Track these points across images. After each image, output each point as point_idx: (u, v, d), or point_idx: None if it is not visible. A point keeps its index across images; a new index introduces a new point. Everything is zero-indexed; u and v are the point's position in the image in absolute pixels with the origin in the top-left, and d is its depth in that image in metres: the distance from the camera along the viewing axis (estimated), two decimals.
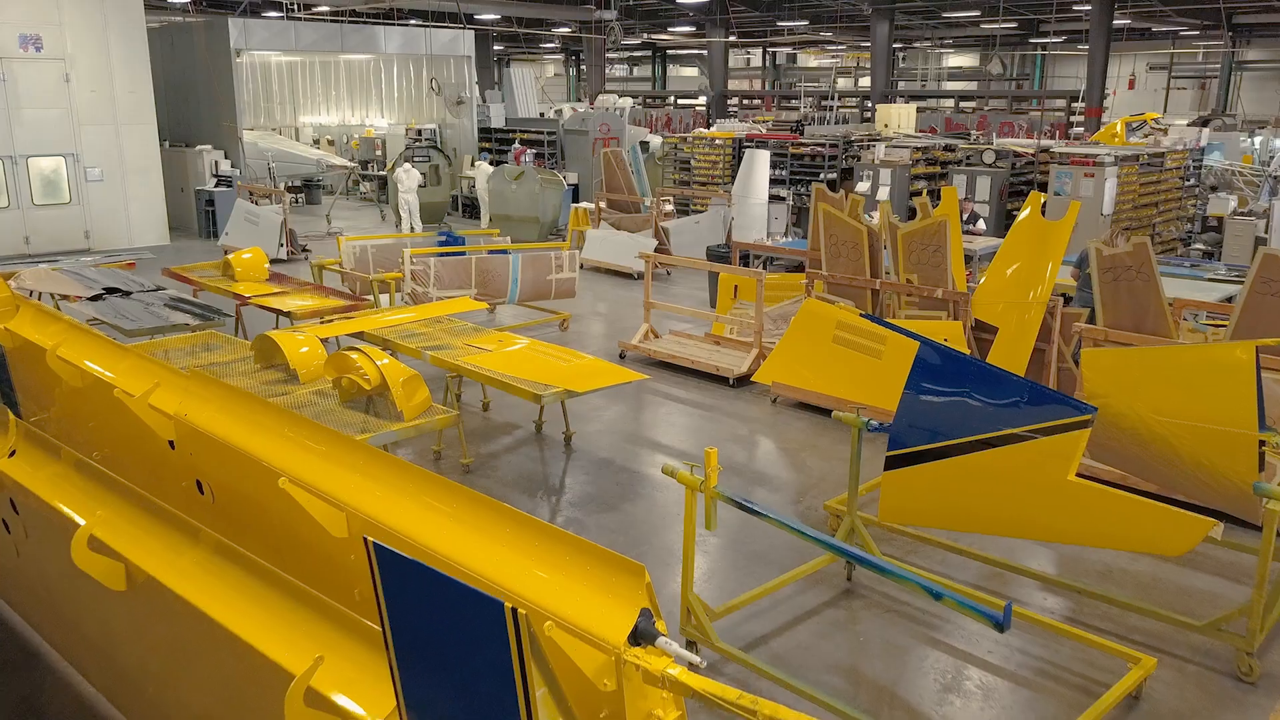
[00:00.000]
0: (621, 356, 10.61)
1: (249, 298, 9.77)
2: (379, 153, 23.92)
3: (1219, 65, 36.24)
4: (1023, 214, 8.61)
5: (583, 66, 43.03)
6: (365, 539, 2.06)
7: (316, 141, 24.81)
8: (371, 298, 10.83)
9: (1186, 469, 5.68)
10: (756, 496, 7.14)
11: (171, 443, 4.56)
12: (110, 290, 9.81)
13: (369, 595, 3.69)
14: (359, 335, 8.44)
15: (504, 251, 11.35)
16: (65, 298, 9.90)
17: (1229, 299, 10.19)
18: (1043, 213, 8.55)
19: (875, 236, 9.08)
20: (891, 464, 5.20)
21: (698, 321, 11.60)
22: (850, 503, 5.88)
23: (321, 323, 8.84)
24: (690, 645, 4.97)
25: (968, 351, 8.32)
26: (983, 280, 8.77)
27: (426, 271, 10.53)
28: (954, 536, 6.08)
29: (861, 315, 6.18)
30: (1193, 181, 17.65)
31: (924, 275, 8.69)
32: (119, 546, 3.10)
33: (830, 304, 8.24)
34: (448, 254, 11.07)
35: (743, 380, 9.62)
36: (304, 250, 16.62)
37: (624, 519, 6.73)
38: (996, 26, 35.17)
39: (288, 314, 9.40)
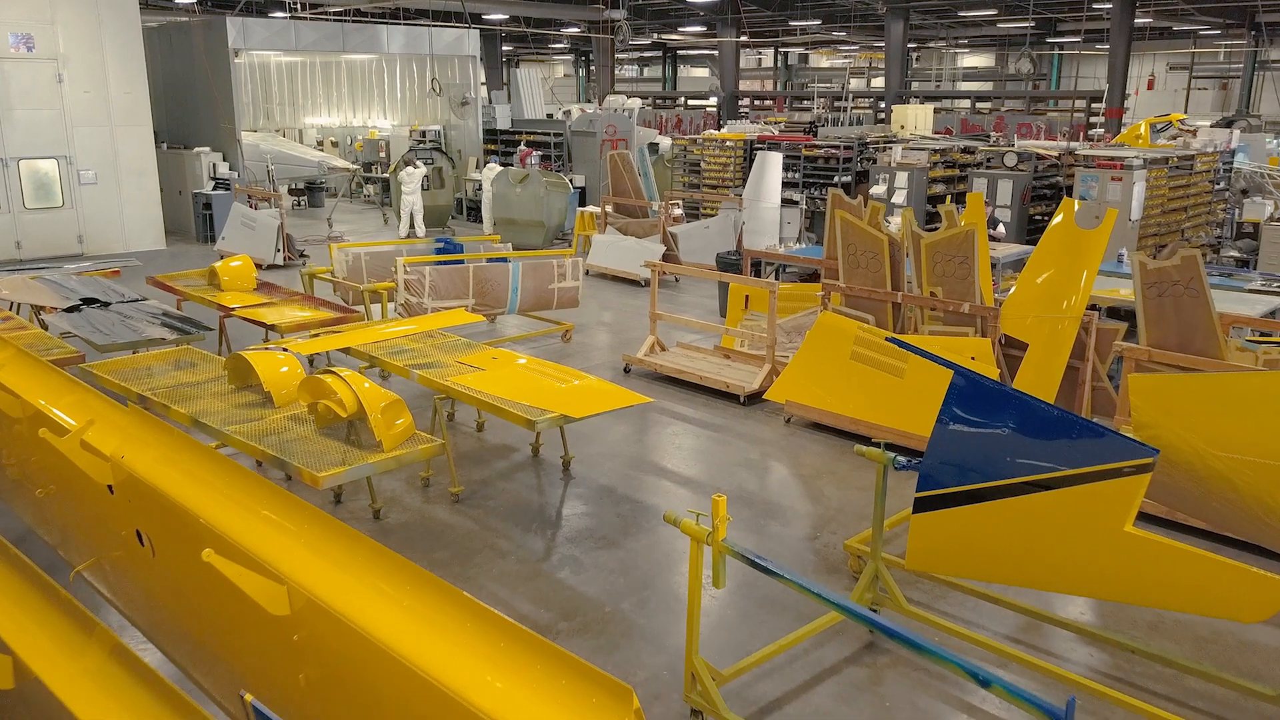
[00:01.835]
0: (626, 371, 10.07)
1: (233, 309, 9.27)
2: (383, 154, 23.43)
3: (1241, 65, 35.46)
4: (1055, 220, 8.05)
5: (592, 67, 42.52)
6: (241, 695, 1.53)
7: (320, 143, 24.34)
8: (363, 309, 10.33)
9: (1247, 508, 5.11)
10: (768, 531, 6.59)
11: (111, 487, 4.07)
12: (88, 301, 9.32)
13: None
14: (345, 351, 7.93)
15: (504, 259, 10.80)
16: (42, 309, 9.43)
17: (1272, 313, 9.60)
18: None
19: (896, 246, 8.52)
20: (921, 506, 4.65)
21: (707, 333, 11.05)
22: (874, 547, 5.32)
23: (310, 337, 8.34)
24: (695, 715, 4.43)
25: (996, 371, 7.77)
26: (1010, 291, 8.20)
27: (421, 281, 10.00)
28: (986, 582, 5.52)
29: (886, 339, 5.63)
30: (1223, 185, 16.99)
31: (949, 288, 8.13)
32: (8, 638, 2.58)
33: (848, 318, 7.69)
34: (444, 262, 10.54)
35: (754, 398, 9.05)
36: (302, 255, 16.14)
37: (625, 557, 6.19)
38: (1016, 25, 34.49)
39: (273, 327, 8.90)
